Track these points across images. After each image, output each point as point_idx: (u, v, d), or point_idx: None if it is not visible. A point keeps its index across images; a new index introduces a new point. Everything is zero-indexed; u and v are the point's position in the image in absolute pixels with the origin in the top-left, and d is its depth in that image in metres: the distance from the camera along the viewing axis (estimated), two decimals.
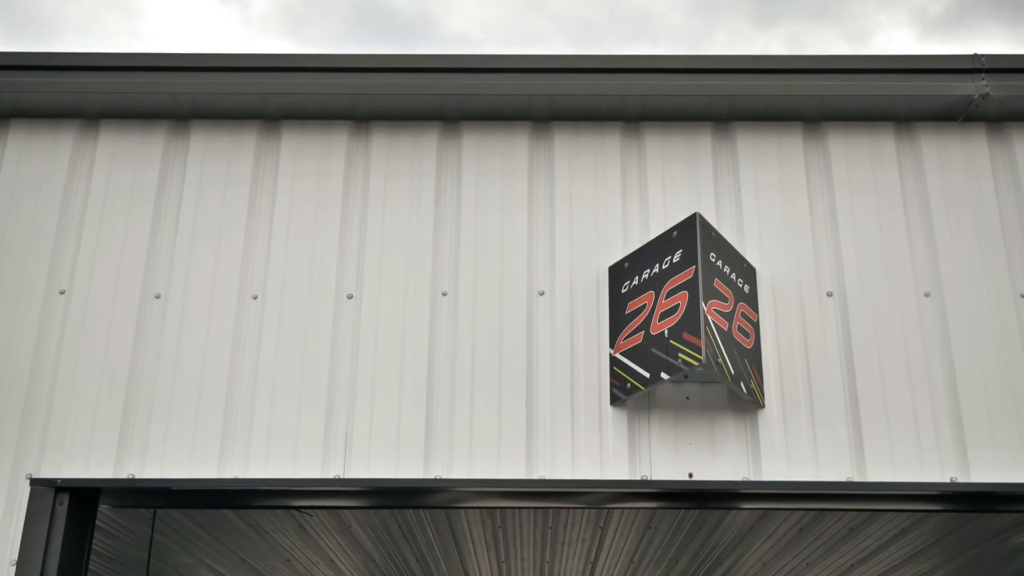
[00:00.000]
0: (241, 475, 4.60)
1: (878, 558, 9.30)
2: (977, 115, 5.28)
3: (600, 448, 4.68)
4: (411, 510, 8.01)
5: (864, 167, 5.19)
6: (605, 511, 7.89)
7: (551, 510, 7.97)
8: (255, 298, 4.93)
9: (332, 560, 9.70)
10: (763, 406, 4.73)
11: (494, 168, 5.18)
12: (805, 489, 4.63)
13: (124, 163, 5.19)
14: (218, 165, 5.18)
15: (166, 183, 5.16)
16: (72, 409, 4.74)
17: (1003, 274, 4.96)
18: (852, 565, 9.68)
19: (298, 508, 4.92)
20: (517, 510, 8.02)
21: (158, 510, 7.54)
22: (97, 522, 8.09)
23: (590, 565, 9.90)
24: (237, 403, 4.74)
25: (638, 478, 4.62)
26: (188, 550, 9.35)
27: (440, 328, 4.90)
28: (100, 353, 4.82)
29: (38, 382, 4.79)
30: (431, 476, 4.62)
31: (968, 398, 4.75)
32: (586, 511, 7.91)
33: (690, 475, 4.61)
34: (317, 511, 7.32)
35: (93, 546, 8.93)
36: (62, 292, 4.93)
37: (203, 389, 4.77)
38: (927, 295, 4.92)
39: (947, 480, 4.59)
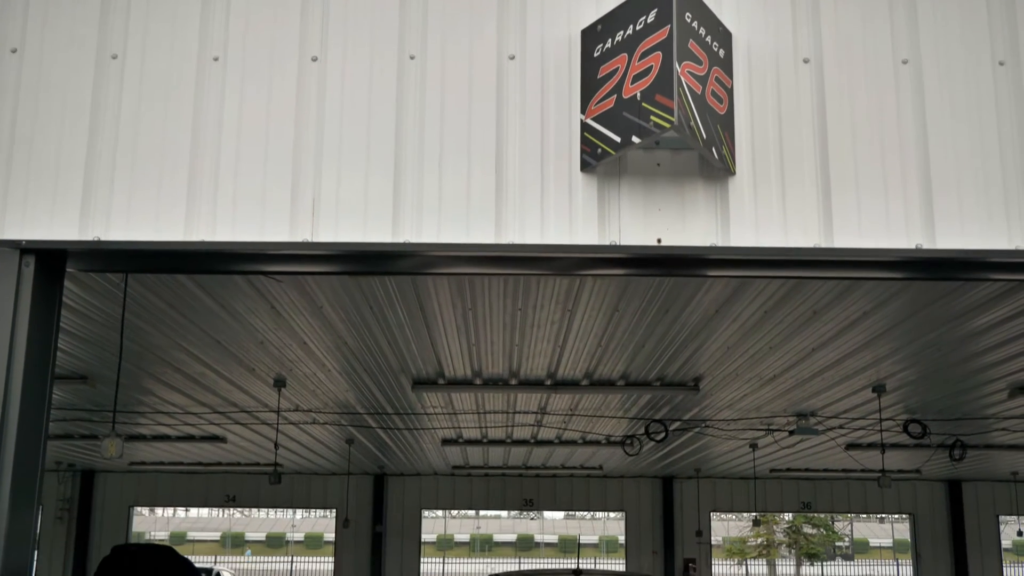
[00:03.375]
0: (208, 239, 4.57)
1: (839, 341, 9.55)
2: None
3: (570, 214, 4.66)
4: (381, 290, 8.08)
5: None
6: (575, 289, 7.98)
7: (521, 290, 8.06)
8: (216, 60, 4.77)
9: (304, 342, 9.85)
10: (734, 173, 4.70)
11: None
12: (773, 255, 4.65)
13: None
14: None
15: None
16: (32, 172, 4.64)
17: (983, 41, 4.86)
18: (813, 349, 9.95)
19: (267, 274, 4.90)
20: (487, 291, 8.11)
21: (128, 288, 7.57)
22: (67, 300, 8.16)
23: (558, 349, 10.11)
24: (202, 167, 4.65)
25: (607, 243, 4.62)
26: (161, 331, 9.45)
27: (408, 92, 4.78)
28: (59, 112, 4.69)
29: None
30: (400, 240, 4.61)
31: (939, 167, 4.74)
32: (555, 289, 8.00)
33: (659, 241, 4.62)
34: (286, 278, 7.34)
35: (65, 326, 9.01)
36: (14, 51, 4.75)
37: (166, 153, 4.67)
38: (905, 62, 4.83)
39: (913, 247, 4.63)
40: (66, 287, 7.61)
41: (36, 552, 21.79)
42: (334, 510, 23.51)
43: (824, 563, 46.69)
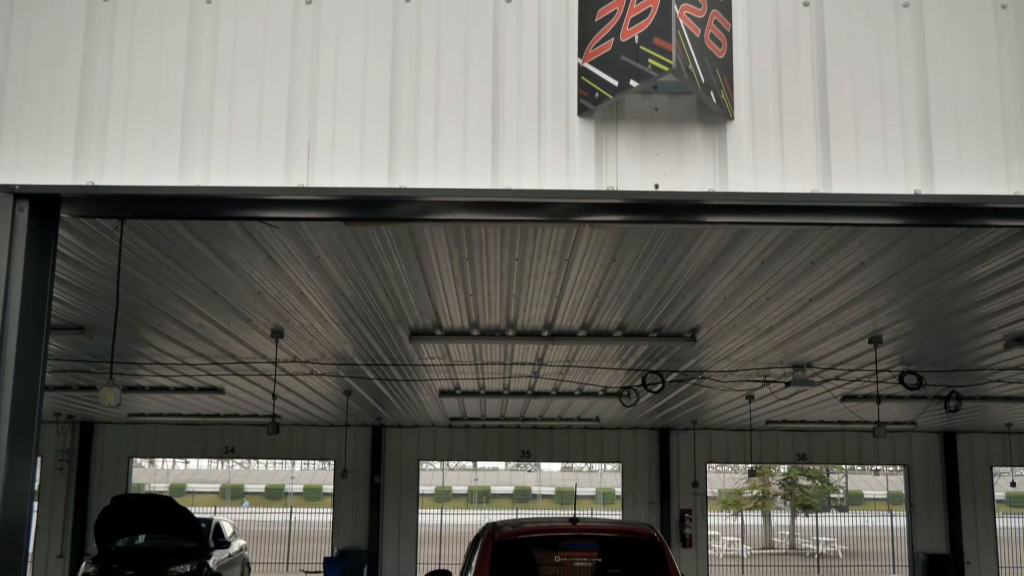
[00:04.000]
0: (203, 183, 4.54)
1: (836, 291, 9.55)
2: None
3: (567, 159, 4.63)
4: (378, 240, 8.06)
5: None
6: (572, 239, 7.96)
7: (517, 240, 8.03)
8: (209, 2, 4.71)
9: (302, 292, 9.85)
10: (732, 118, 4.67)
11: None
12: (771, 201, 4.63)
13: None
14: None
15: None
16: (25, 116, 4.60)
17: None
18: (810, 300, 9.95)
19: (263, 219, 4.88)
20: (484, 241, 8.09)
21: (124, 238, 7.55)
22: (63, 249, 8.13)
23: (556, 299, 10.10)
24: (196, 111, 4.61)
25: (604, 188, 4.60)
26: (158, 281, 9.44)
27: (403, 36, 4.73)
28: (50, 56, 4.63)
29: None
30: (396, 186, 4.58)
31: (939, 113, 4.71)
32: (552, 239, 7.98)
33: (656, 186, 4.60)
34: (282, 224, 7.29)
35: (61, 275, 8.98)
36: None
37: (160, 96, 4.63)
38: (906, 5, 4.78)
39: (911, 192, 4.61)
40: (61, 235, 7.57)
41: (36, 503, 21.93)
42: (332, 461, 23.65)
43: (819, 514, 47.09)
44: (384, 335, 12.00)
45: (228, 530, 21.37)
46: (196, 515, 19.84)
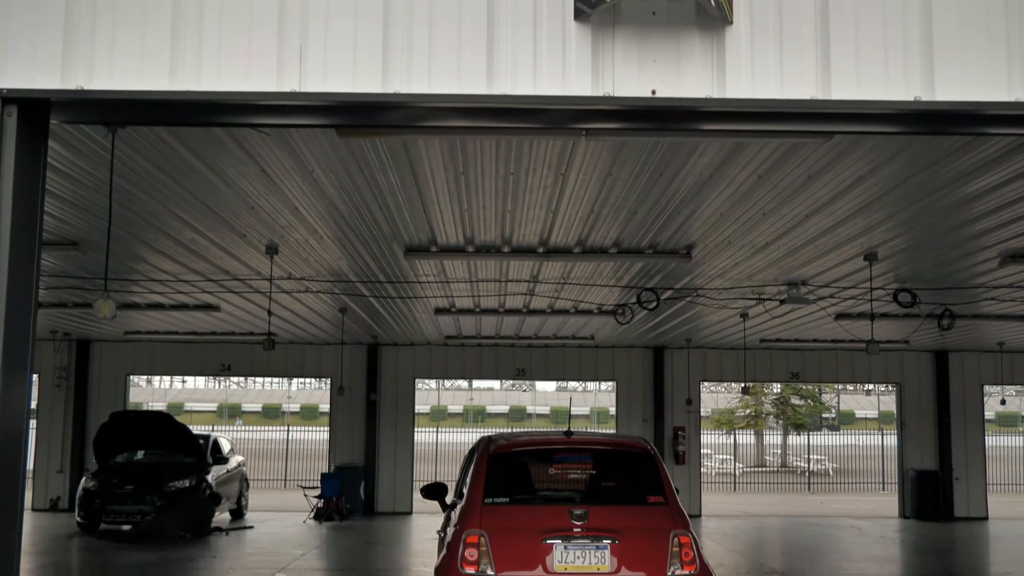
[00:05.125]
0: (193, 88, 4.47)
1: (832, 207, 9.52)
2: None
3: (563, 64, 4.57)
4: (372, 153, 7.99)
5: None
6: (567, 152, 7.90)
7: (513, 153, 7.97)
8: None
9: (296, 208, 9.80)
10: (731, 22, 4.59)
11: None
12: (769, 107, 4.58)
13: None
14: None
15: None
16: (12, 19, 4.50)
17: None
18: (806, 216, 9.92)
19: (254, 126, 4.82)
20: (479, 154, 8.02)
21: (116, 150, 7.46)
22: (54, 162, 8.05)
23: (551, 215, 10.06)
24: (185, 15, 4.52)
25: (601, 95, 4.54)
26: (152, 196, 9.38)
27: None
28: None
29: None
30: (390, 91, 4.52)
31: (941, 18, 4.63)
32: (548, 152, 7.92)
33: (653, 92, 4.54)
34: (274, 132, 7.20)
35: (52, 189, 8.92)
36: None
37: (148, 2, 4.54)
38: None
39: (911, 99, 4.55)
40: (52, 147, 7.49)
41: (35, 420, 22.08)
42: (328, 379, 23.80)
43: (810, 433, 47.66)
44: (379, 252, 11.98)
45: (226, 446, 21.57)
46: (194, 432, 20.02)
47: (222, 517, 20.73)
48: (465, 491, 8.09)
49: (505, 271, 13.43)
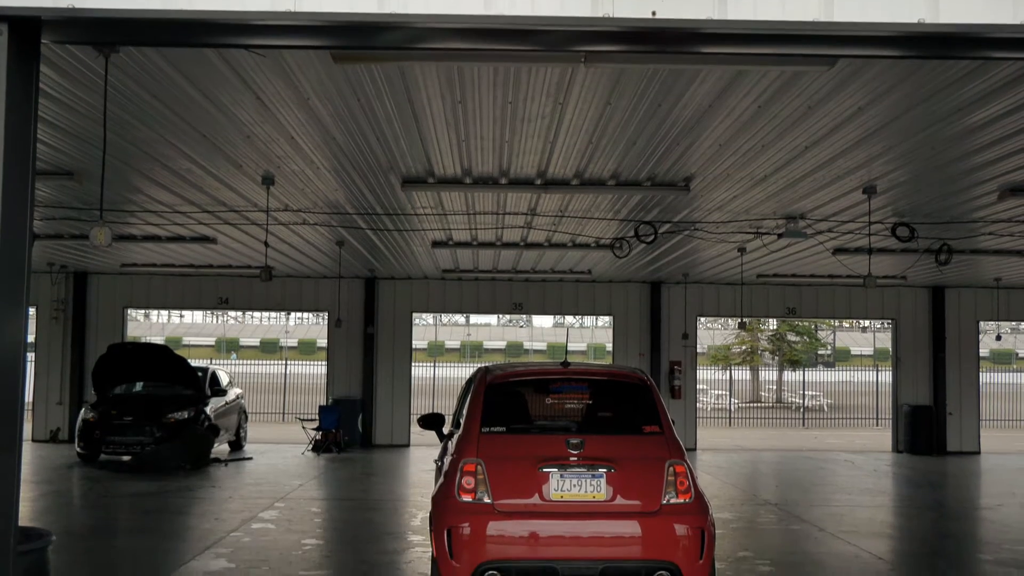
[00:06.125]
0: (187, 7, 4.39)
1: (832, 139, 9.46)
2: None
3: None
4: (368, 80, 7.90)
5: None
6: (566, 80, 7.81)
7: (511, 81, 7.89)
8: None
9: (292, 137, 9.73)
10: None
11: None
12: (771, 29, 4.51)
13: None
14: None
15: None
16: None
17: None
18: (806, 147, 9.87)
19: (248, 47, 4.75)
20: (477, 82, 7.94)
21: (110, 77, 7.37)
22: (47, 88, 7.97)
23: (549, 145, 9.99)
24: None
25: (600, 15, 4.46)
26: (147, 124, 9.31)
27: None
28: None
29: None
30: (386, 11, 4.44)
31: None
32: (546, 80, 7.84)
33: (653, 13, 4.46)
34: (269, 54, 7.11)
35: (46, 116, 8.83)
36: None
37: None
38: None
39: (915, 21, 4.48)
40: (44, 72, 7.40)
41: (33, 353, 22.13)
42: (326, 313, 23.83)
43: (806, 370, 47.93)
44: (376, 183, 11.92)
45: (224, 379, 21.66)
46: (192, 365, 20.09)
47: (221, 449, 20.92)
48: (462, 421, 8.14)
49: (503, 204, 13.38)
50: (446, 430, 9.30)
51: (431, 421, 9.40)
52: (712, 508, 7.63)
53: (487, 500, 7.33)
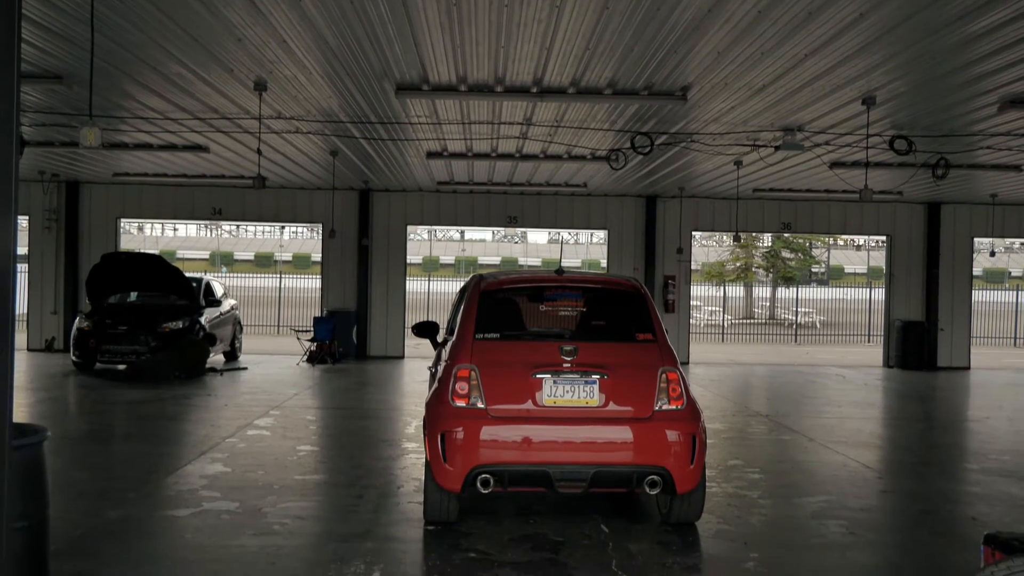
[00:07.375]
0: None
1: (832, 47, 9.34)
2: None
3: None
4: None
5: None
6: None
7: None
8: None
9: (284, 40, 9.58)
10: None
11: None
12: None
13: None
14: None
15: None
16: None
17: None
18: (805, 56, 9.75)
19: None
20: None
21: None
22: None
23: (545, 51, 9.85)
24: None
25: None
26: (136, 26, 9.15)
27: None
28: None
29: None
30: None
31: None
32: None
33: None
34: None
35: (30, 15, 8.66)
36: None
37: None
38: None
39: None
40: None
41: (27, 263, 22.10)
42: (320, 225, 23.75)
43: (800, 287, 48.09)
44: (370, 89, 11.76)
45: (219, 290, 21.66)
46: (186, 275, 20.07)
47: (216, 359, 21.01)
48: (456, 327, 8.14)
49: (498, 113, 13.24)
50: (440, 338, 9.32)
51: (425, 329, 9.41)
52: (704, 416, 7.68)
53: (480, 405, 7.37)
